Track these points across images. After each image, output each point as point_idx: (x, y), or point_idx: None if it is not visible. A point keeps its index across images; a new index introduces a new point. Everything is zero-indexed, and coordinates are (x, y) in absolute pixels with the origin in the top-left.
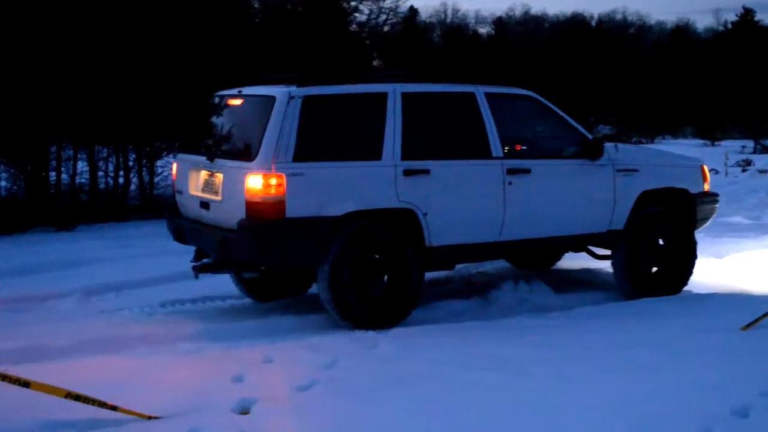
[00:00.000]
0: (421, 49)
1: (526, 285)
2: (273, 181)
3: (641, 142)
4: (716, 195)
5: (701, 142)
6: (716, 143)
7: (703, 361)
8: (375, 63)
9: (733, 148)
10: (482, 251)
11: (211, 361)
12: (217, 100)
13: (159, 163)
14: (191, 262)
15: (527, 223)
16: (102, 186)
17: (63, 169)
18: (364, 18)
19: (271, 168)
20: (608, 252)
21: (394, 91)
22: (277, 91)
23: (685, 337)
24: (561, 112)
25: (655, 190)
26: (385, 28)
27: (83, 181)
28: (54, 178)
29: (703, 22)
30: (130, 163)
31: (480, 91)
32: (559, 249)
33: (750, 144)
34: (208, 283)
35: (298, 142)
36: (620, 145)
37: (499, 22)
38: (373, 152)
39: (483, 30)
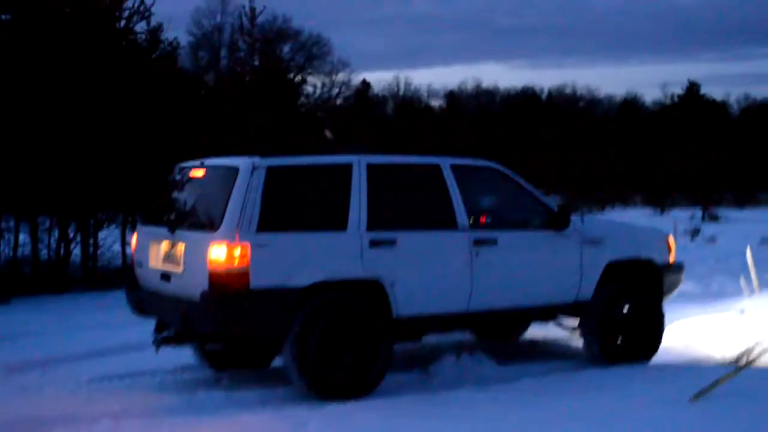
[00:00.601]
0: (374, 122)
1: (469, 357)
2: (237, 252)
3: (591, 211)
4: (682, 265)
5: (651, 210)
6: (666, 211)
7: None
8: (327, 134)
9: (682, 216)
10: (450, 321)
11: None
12: (178, 171)
13: (101, 234)
14: (152, 334)
15: (495, 293)
16: (44, 257)
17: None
18: (317, 91)
19: (235, 238)
20: (575, 323)
21: (359, 162)
22: (240, 161)
23: (631, 411)
24: (526, 184)
25: (621, 261)
26: (338, 101)
27: (26, 253)
28: None
29: (651, 95)
30: (71, 235)
31: (446, 162)
32: (527, 319)
33: (698, 213)
34: (139, 357)
35: (262, 212)
36: (586, 217)
37: (452, 96)
38: (339, 222)
39: (436, 103)
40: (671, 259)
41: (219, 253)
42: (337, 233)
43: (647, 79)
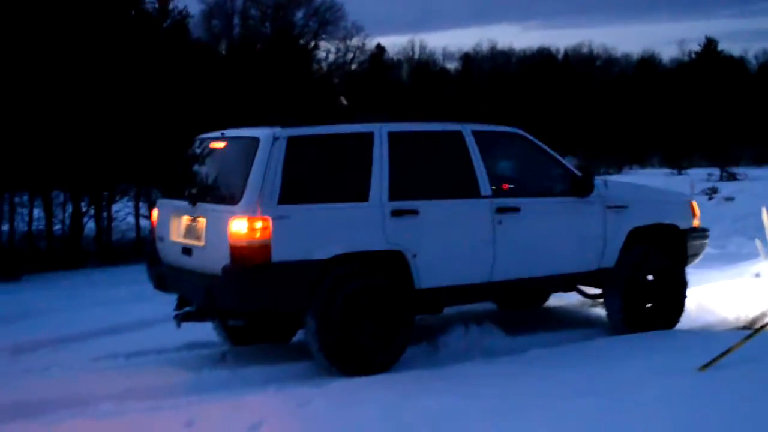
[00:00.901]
0: (389, 87)
1: (478, 327)
2: (258, 225)
3: (609, 173)
4: (706, 230)
5: (668, 171)
6: (683, 172)
7: (656, 409)
8: (342, 101)
9: (699, 176)
10: (473, 293)
11: (129, 425)
12: (198, 143)
13: (115, 207)
14: (173, 311)
15: (518, 263)
16: (58, 232)
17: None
18: (332, 57)
19: (257, 211)
20: (598, 291)
21: (380, 131)
22: (261, 132)
23: (640, 382)
24: (549, 149)
25: (645, 226)
26: (353, 66)
27: (40, 227)
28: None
29: (668, 53)
30: (84, 209)
31: (467, 129)
32: (550, 288)
33: (716, 172)
34: (149, 334)
35: (284, 184)
36: (609, 181)
37: (467, 58)
38: (360, 193)
39: (451, 66)
40: (695, 223)
41: (240, 226)
42: (359, 204)
43: (664, 36)
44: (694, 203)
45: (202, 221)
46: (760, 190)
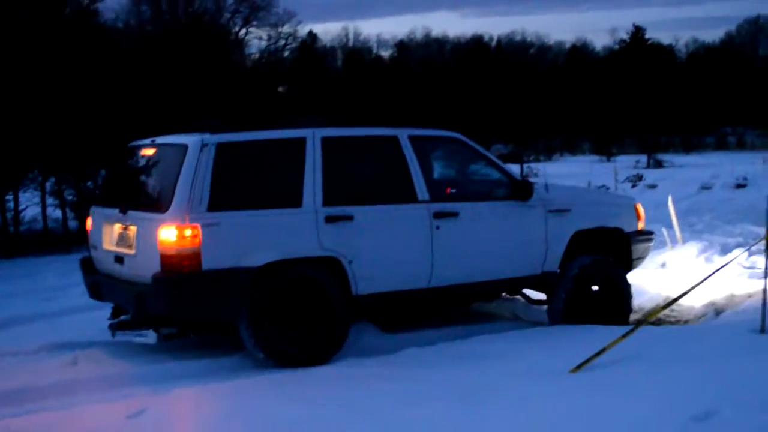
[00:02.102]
0: (322, 74)
1: (352, 326)
2: (187, 233)
3: (539, 160)
4: (651, 233)
5: (597, 158)
6: (612, 159)
7: (506, 415)
8: (280, 89)
9: (627, 163)
10: (412, 299)
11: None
12: (130, 150)
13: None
14: (108, 319)
15: (458, 268)
16: None
17: None
18: (263, 44)
19: (185, 219)
20: (543, 297)
21: (313, 136)
22: (189, 139)
23: (502, 386)
24: (488, 153)
25: (588, 230)
26: (285, 54)
27: None
28: None
29: (601, 41)
30: None
31: (403, 134)
32: (492, 293)
33: (644, 159)
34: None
35: (213, 191)
36: (551, 185)
37: (401, 45)
38: (293, 199)
39: (386, 53)
40: (640, 226)
41: (169, 234)
42: (292, 210)
43: (597, 24)
44: (639, 206)
45: (132, 229)
46: (683, 177)
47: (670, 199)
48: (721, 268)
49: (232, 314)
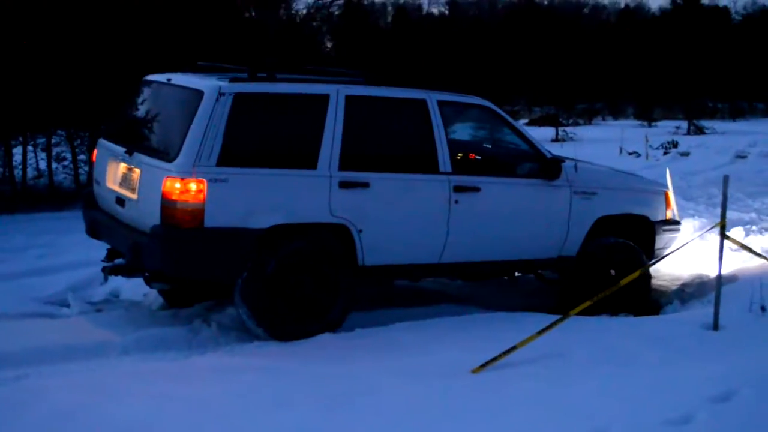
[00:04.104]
0: (369, 31)
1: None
2: (192, 187)
3: (578, 124)
4: (678, 223)
5: (639, 123)
6: (653, 124)
7: (367, 424)
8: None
9: (668, 128)
10: (420, 272)
11: None
12: (143, 85)
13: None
14: (102, 261)
15: (471, 246)
16: None
17: None
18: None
19: (192, 172)
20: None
21: (336, 94)
22: (206, 85)
23: (397, 386)
24: (518, 125)
25: (613, 216)
26: (332, 9)
27: None
28: None
29: (658, 1)
30: None
31: (432, 98)
32: (504, 273)
33: (684, 125)
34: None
35: (225, 145)
36: (580, 165)
37: (452, 3)
38: (308, 160)
39: (436, 9)
40: (668, 215)
41: (172, 186)
42: (306, 172)
43: None
44: (669, 193)
45: (137, 173)
46: (720, 145)
47: (667, 171)
48: (680, 247)
49: (231, 277)
